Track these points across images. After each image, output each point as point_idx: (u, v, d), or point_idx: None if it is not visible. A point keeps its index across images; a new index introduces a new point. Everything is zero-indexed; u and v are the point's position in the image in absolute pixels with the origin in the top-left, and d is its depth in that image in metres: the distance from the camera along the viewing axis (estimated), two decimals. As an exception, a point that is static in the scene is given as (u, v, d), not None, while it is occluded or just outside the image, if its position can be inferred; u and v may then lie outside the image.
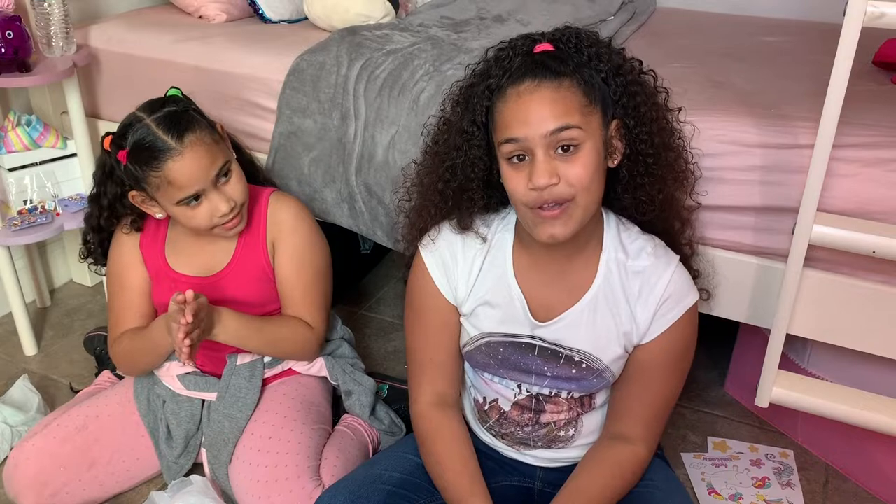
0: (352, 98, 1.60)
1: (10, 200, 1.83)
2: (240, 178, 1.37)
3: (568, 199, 1.03)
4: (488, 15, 2.07)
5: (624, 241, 1.16)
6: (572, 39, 1.08)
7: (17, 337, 1.95)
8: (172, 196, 1.30)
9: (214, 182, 1.32)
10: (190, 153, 1.28)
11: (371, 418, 1.56)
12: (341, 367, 1.57)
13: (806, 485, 1.58)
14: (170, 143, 1.27)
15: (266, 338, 1.42)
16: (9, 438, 1.60)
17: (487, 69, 1.10)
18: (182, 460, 1.48)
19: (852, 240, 1.21)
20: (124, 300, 1.48)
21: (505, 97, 1.05)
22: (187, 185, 1.28)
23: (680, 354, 1.16)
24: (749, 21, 2.29)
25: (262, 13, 2.08)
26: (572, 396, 1.21)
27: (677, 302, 1.13)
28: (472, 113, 1.11)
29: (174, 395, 1.49)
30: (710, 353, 1.96)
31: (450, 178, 1.16)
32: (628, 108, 1.09)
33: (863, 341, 1.34)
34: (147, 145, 1.27)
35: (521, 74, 1.04)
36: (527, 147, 1.02)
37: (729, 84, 1.58)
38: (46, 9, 1.71)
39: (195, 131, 1.29)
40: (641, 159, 1.11)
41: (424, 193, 1.23)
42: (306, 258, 1.47)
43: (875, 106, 1.43)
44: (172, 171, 1.27)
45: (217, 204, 1.32)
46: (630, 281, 1.14)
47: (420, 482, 1.20)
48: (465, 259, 1.19)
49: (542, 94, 1.02)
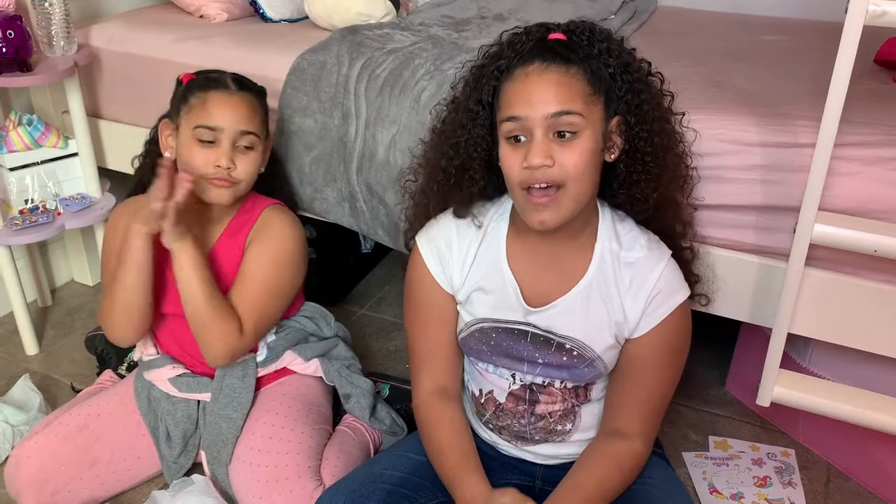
0: (353, 97, 1.60)
1: (12, 200, 1.83)
2: (253, 163, 1.42)
3: (559, 183, 1.04)
4: (489, 14, 2.07)
5: (619, 231, 1.17)
6: (586, 32, 1.09)
7: (18, 336, 1.95)
8: (197, 119, 1.37)
9: (235, 138, 1.38)
10: (236, 98, 1.39)
11: (372, 419, 1.55)
12: (337, 371, 1.57)
13: (807, 484, 1.57)
14: (228, 83, 1.41)
15: (206, 300, 1.35)
16: (10, 438, 1.60)
17: (500, 51, 1.12)
18: (182, 460, 1.48)
19: (854, 239, 1.21)
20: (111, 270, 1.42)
21: (512, 77, 1.07)
22: (214, 116, 1.37)
23: (673, 350, 1.17)
24: (750, 20, 2.29)
25: (262, 12, 2.08)
26: (565, 386, 1.21)
27: (668, 297, 1.14)
28: (479, 92, 1.13)
29: (169, 397, 1.49)
30: (711, 352, 1.96)
31: (453, 156, 1.17)
32: (631, 106, 1.10)
33: (864, 340, 1.33)
34: (210, 76, 1.43)
35: (531, 56, 1.06)
36: (526, 127, 1.04)
37: (730, 83, 1.58)
38: (47, 8, 1.71)
39: (254, 96, 1.43)
40: (639, 157, 1.12)
41: (429, 171, 1.25)
42: (271, 271, 1.43)
43: (876, 105, 1.43)
44: (213, 98, 1.38)
45: (221, 156, 1.36)
46: (622, 271, 1.15)
47: (421, 481, 1.20)
48: (459, 247, 1.20)
49: (548, 77, 1.04)
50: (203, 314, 1.36)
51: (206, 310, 1.35)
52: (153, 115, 1.55)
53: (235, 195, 1.41)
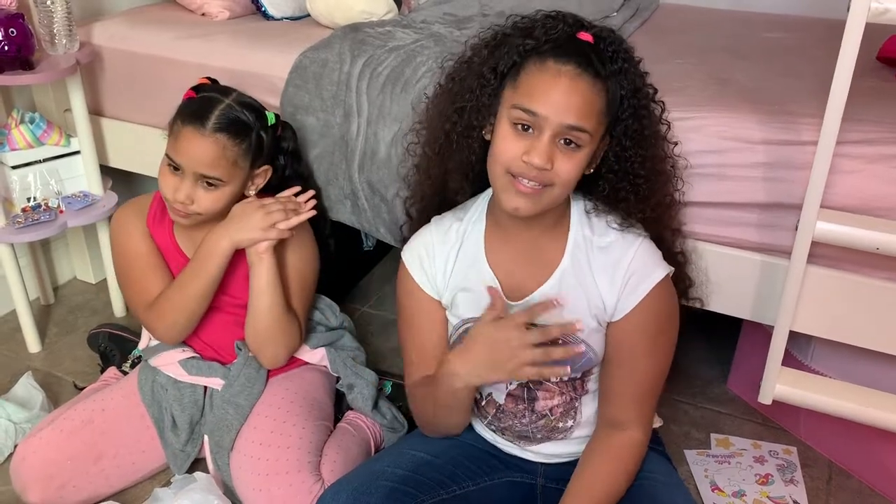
0: (354, 95, 1.60)
1: (14, 198, 1.83)
2: (217, 200, 1.39)
3: (549, 183, 1.06)
4: (491, 11, 2.07)
5: (592, 219, 1.17)
6: (614, 44, 1.08)
7: (20, 334, 1.95)
8: (169, 148, 1.38)
9: (197, 175, 1.36)
10: (207, 141, 1.34)
11: (373, 412, 1.56)
12: (343, 361, 1.58)
13: (809, 482, 1.57)
14: (206, 121, 1.35)
15: (279, 304, 1.42)
16: (13, 435, 1.60)
17: (531, 28, 1.10)
18: (188, 448, 1.49)
19: (856, 236, 1.21)
20: (140, 268, 1.47)
21: (544, 66, 1.05)
22: (180, 152, 1.35)
23: (659, 331, 1.16)
24: (752, 17, 2.29)
25: (264, 10, 2.08)
26: (561, 379, 1.21)
27: (644, 277, 1.13)
28: (496, 61, 1.11)
29: (175, 383, 1.50)
30: (713, 349, 1.96)
31: (457, 121, 1.16)
32: (629, 130, 1.10)
33: (866, 338, 1.33)
34: (200, 105, 1.38)
35: (568, 54, 1.04)
36: (538, 124, 1.04)
37: (732, 80, 1.58)
38: (49, 6, 1.71)
39: (231, 138, 1.36)
40: (630, 179, 1.13)
41: (430, 133, 1.25)
42: (304, 268, 1.50)
43: (879, 102, 1.43)
44: (183, 134, 1.35)
45: (180, 188, 1.36)
46: (596, 256, 1.15)
47: (423, 479, 1.20)
48: (440, 252, 1.22)
49: (578, 86, 1.03)
50: (278, 322, 1.44)
51: (281, 316, 1.43)
52: (155, 112, 1.55)
53: (194, 222, 1.41)
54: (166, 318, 1.45)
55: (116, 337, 1.81)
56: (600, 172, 1.14)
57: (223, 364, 1.51)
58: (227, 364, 1.52)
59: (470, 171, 1.21)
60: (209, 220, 1.41)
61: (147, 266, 1.47)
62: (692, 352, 1.96)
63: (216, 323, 1.51)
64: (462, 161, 1.19)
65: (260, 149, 1.42)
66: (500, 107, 1.09)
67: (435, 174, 1.25)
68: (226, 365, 1.51)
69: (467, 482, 1.23)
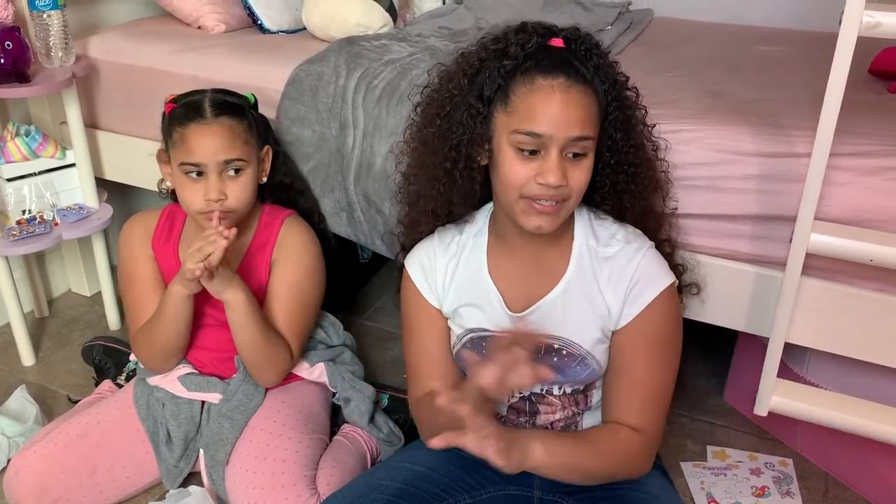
0: (350, 108, 1.61)
1: (9, 210, 1.83)
2: (246, 186, 1.39)
3: (567, 199, 1.07)
4: (486, 25, 2.08)
5: (595, 228, 1.18)
6: (584, 42, 1.09)
7: (14, 347, 1.94)
8: (180, 156, 1.35)
9: (220, 168, 1.35)
10: (213, 128, 1.35)
11: (370, 426, 1.56)
12: (341, 375, 1.58)
13: (806, 494, 1.57)
14: (204, 112, 1.36)
15: (260, 335, 1.39)
16: (6, 449, 1.59)
17: (504, 47, 1.10)
18: (181, 464, 1.48)
19: (850, 248, 1.22)
20: (138, 292, 1.48)
21: (534, 85, 1.05)
22: (195, 151, 1.34)
23: (663, 340, 1.16)
24: (746, 30, 2.30)
25: (260, 23, 2.09)
26: (564, 393, 1.21)
27: (648, 284, 1.13)
28: (478, 87, 1.10)
29: (173, 398, 1.49)
30: (708, 361, 1.96)
31: (456, 157, 1.15)
32: (618, 123, 1.11)
33: (861, 349, 1.34)
34: (189, 103, 1.38)
35: (552, 66, 1.04)
36: (543, 144, 1.04)
37: (726, 93, 1.58)
38: (46, 19, 1.71)
39: (232, 118, 1.37)
40: (625, 169, 1.14)
41: (429, 174, 1.21)
42: (303, 286, 1.48)
43: (872, 115, 1.44)
44: (190, 132, 1.34)
45: (209, 188, 1.34)
46: (601, 266, 1.15)
47: (418, 492, 1.19)
48: (442, 263, 1.23)
49: (573, 98, 1.04)
50: (260, 352, 1.42)
51: (263, 347, 1.41)
52: (151, 125, 1.55)
53: (232, 223, 1.38)
54: (142, 351, 1.48)
55: (111, 350, 1.81)
56: (597, 168, 1.14)
57: (222, 379, 1.51)
58: (226, 378, 1.51)
59: (474, 199, 1.21)
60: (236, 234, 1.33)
61: (143, 292, 1.48)
62: (688, 364, 1.96)
63: (214, 338, 1.50)
64: (467, 192, 1.19)
65: (257, 126, 1.44)
66: (496, 132, 1.09)
67: (442, 212, 1.23)
68: (225, 380, 1.50)
69: (463, 495, 1.23)
